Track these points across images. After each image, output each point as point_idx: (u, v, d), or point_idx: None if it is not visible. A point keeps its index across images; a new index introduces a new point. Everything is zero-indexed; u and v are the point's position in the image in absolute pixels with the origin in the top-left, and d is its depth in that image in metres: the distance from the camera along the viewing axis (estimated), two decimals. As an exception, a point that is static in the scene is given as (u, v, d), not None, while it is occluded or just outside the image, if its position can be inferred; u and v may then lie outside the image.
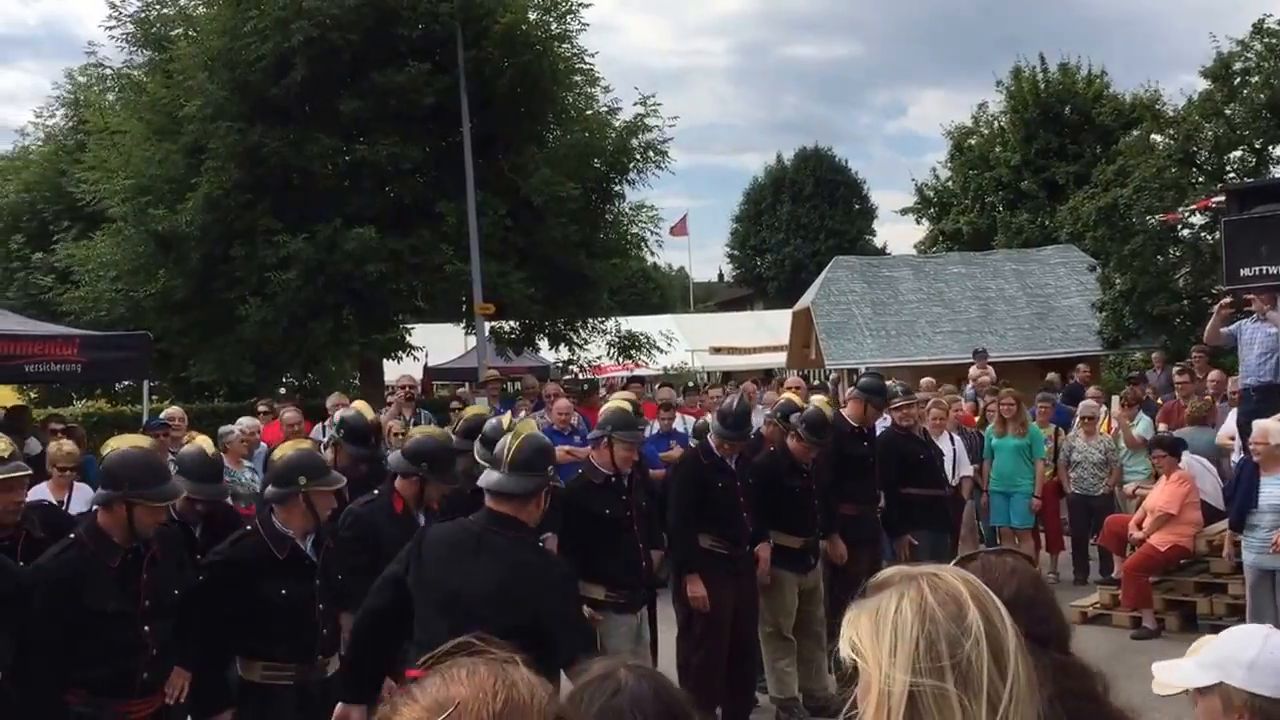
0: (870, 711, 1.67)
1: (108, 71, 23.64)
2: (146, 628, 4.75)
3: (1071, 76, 34.70)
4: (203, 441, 6.37)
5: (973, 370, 15.78)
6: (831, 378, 22.90)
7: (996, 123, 36.15)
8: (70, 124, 26.26)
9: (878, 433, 9.38)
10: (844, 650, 1.71)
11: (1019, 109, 34.53)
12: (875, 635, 1.69)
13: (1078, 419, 12.17)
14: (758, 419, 10.04)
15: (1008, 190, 34.35)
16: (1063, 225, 26.89)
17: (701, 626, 7.27)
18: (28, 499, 5.76)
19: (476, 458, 6.11)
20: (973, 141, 36.61)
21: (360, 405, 7.04)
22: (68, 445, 8.20)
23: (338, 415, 8.49)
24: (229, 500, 6.95)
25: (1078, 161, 32.52)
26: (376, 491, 5.96)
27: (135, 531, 4.74)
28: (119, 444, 5.09)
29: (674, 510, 7.42)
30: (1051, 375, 16.72)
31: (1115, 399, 13.25)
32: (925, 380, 11.91)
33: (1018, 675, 1.66)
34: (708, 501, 7.37)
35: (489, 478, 4.55)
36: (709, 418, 8.72)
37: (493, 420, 7.72)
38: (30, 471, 5.61)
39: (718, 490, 7.41)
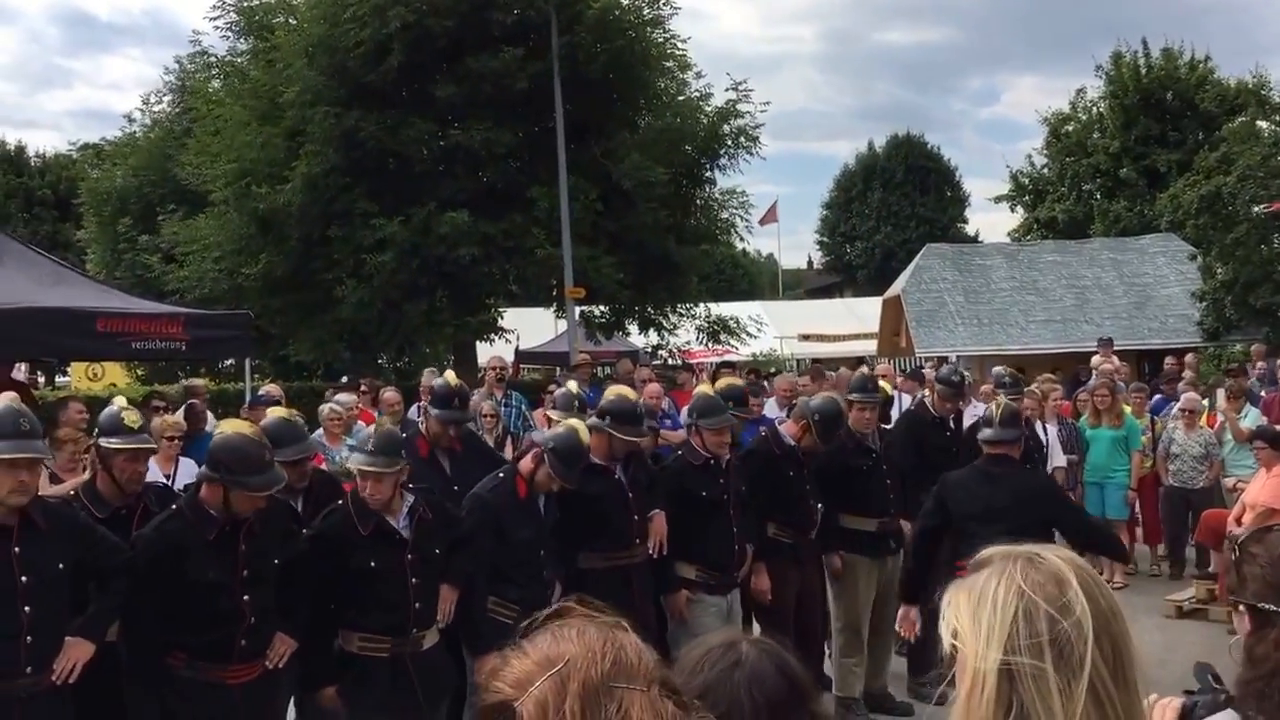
0: (964, 690, 1.65)
1: (212, 59, 24.24)
2: (245, 597, 4.87)
3: (1174, 61, 33.94)
4: (280, 411, 6.48)
5: (1095, 359, 15.46)
6: (927, 367, 22.68)
7: (1095, 109, 35.47)
8: (177, 110, 26.88)
9: (968, 420, 9.25)
10: (944, 633, 1.69)
11: (1119, 95, 33.87)
12: (973, 615, 1.66)
13: (1177, 410, 11.94)
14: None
15: (1106, 178, 33.73)
16: (1162, 214, 26.37)
17: (764, 616, 7.26)
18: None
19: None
20: (1070, 128, 35.96)
21: (448, 375, 7.15)
22: (171, 417, 8.38)
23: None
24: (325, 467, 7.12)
25: (1179, 148, 31.84)
26: (501, 474, 5.99)
27: (232, 512, 4.87)
28: (227, 428, 5.24)
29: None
30: (1173, 361, 16.22)
31: (1220, 391, 12.97)
32: (996, 370, 11.70)
33: (1125, 662, 1.63)
34: (775, 490, 7.32)
35: (985, 433, 6.69)
36: (803, 401, 8.63)
37: (561, 390, 8.21)
38: (156, 449, 5.75)
39: (787, 479, 7.35)
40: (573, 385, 8.16)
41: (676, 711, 1.36)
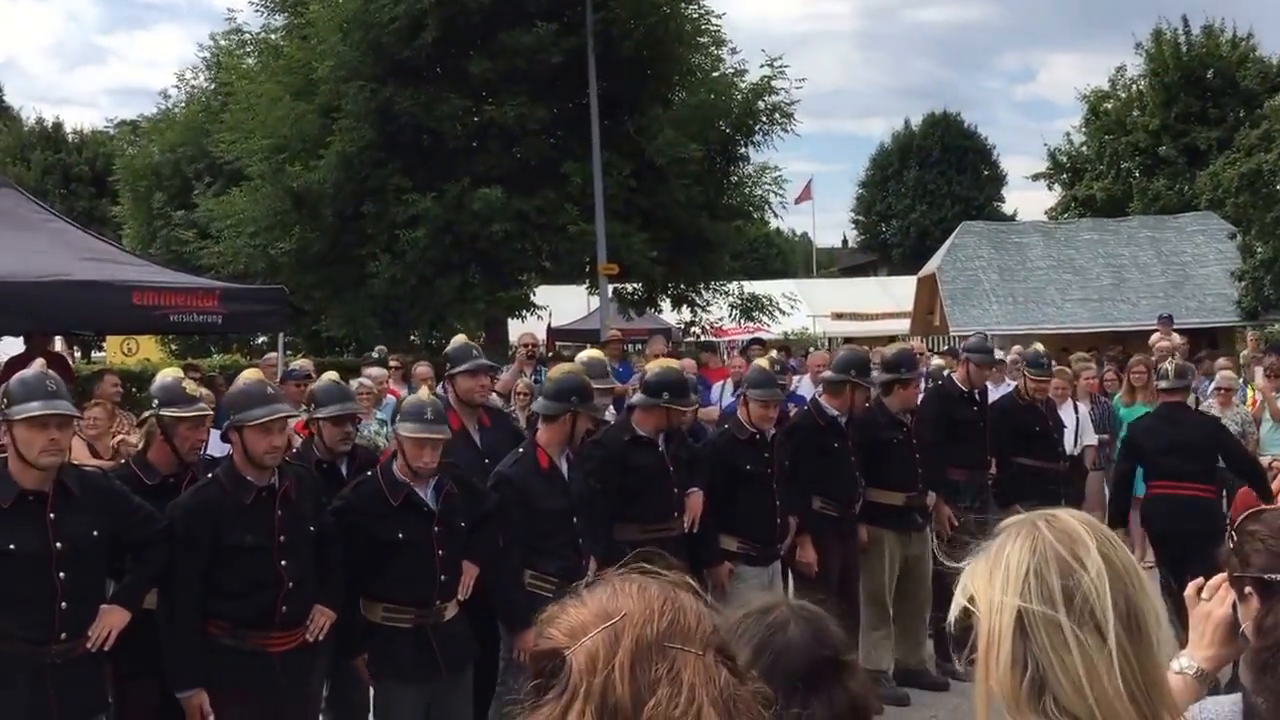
0: (981, 650, 1.66)
1: (247, 36, 24.34)
2: (283, 562, 4.90)
3: (1215, 39, 33.48)
4: (330, 375, 6.61)
5: (1154, 336, 15.31)
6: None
7: (1135, 86, 35.04)
8: (212, 86, 27.01)
9: (994, 397, 9.23)
10: (959, 597, 1.70)
11: (1159, 72, 33.43)
12: (989, 576, 1.68)
13: (1211, 389, 11.82)
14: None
15: (1145, 155, 33.34)
16: (1202, 192, 26.04)
17: (806, 589, 7.25)
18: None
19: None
20: (1109, 105, 35.55)
21: (458, 338, 7.21)
22: (204, 391, 8.44)
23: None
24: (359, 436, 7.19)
25: (1220, 126, 31.43)
26: (521, 450, 6.01)
27: (252, 460, 4.87)
28: (239, 379, 5.30)
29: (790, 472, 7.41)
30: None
31: (1259, 370, 12.83)
32: (1016, 348, 11.63)
33: (1140, 619, 1.63)
34: (820, 463, 7.36)
35: (1162, 384, 8.17)
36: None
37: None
38: (210, 413, 5.77)
39: (831, 451, 7.39)
40: (594, 352, 8.17)
41: (730, 679, 1.34)
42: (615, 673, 1.29)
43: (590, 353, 7.96)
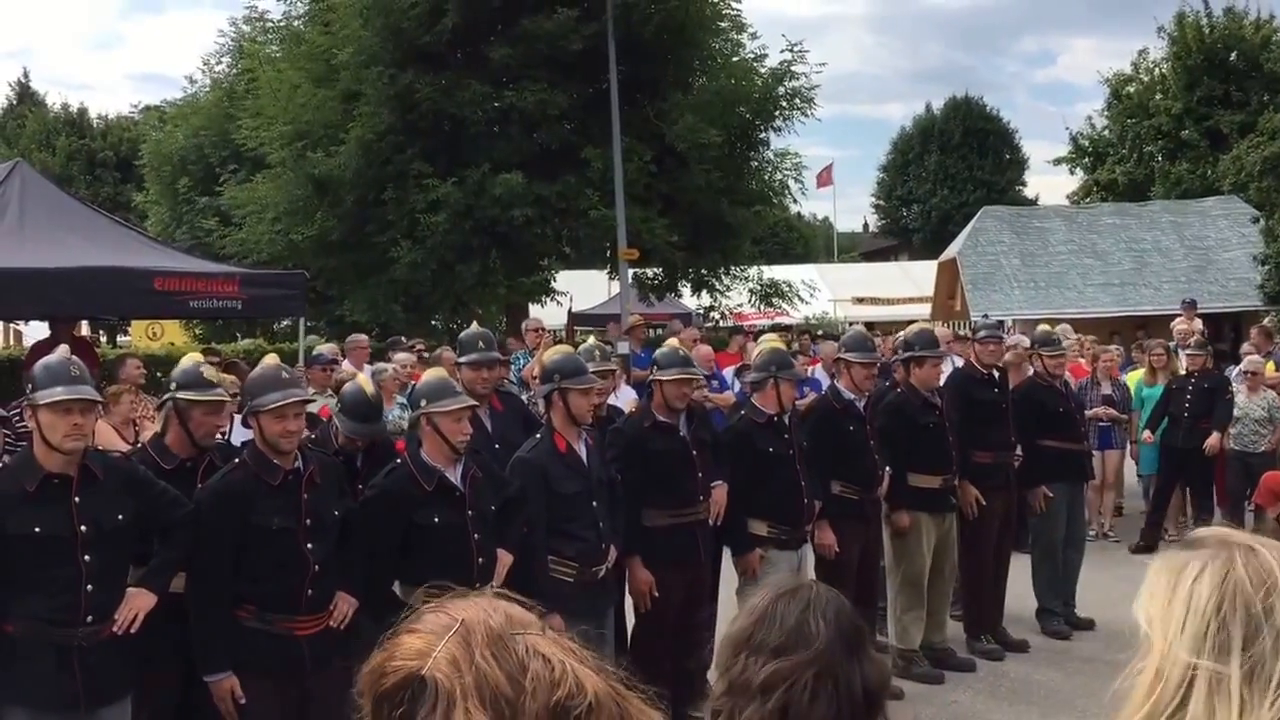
0: (1145, 683, 1.54)
1: (269, 24, 24.37)
2: (309, 545, 4.94)
3: (1238, 21, 33.21)
4: (362, 381, 6.53)
5: (1176, 321, 15.27)
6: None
7: (1157, 69, 34.79)
8: (235, 72, 27.04)
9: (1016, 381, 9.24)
10: (1136, 612, 1.58)
11: (1181, 55, 33.17)
12: (1168, 603, 1.54)
13: (1238, 373, 11.78)
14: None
15: (1167, 139, 33.11)
16: (1225, 176, 25.86)
17: (827, 572, 7.29)
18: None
19: None
20: (1131, 89, 35.31)
21: (472, 326, 7.27)
22: (228, 377, 8.49)
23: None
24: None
25: (1243, 110, 31.18)
26: (539, 436, 6.04)
27: (269, 444, 4.91)
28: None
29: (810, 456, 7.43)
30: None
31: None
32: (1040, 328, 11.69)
33: None
34: (838, 445, 7.35)
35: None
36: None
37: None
38: (227, 399, 5.80)
39: (847, 433, 7.39)
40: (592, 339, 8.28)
41: (578, 647, 1.39)
42: (483, 664, 1.32)
43: (590, 341, 8.05)
